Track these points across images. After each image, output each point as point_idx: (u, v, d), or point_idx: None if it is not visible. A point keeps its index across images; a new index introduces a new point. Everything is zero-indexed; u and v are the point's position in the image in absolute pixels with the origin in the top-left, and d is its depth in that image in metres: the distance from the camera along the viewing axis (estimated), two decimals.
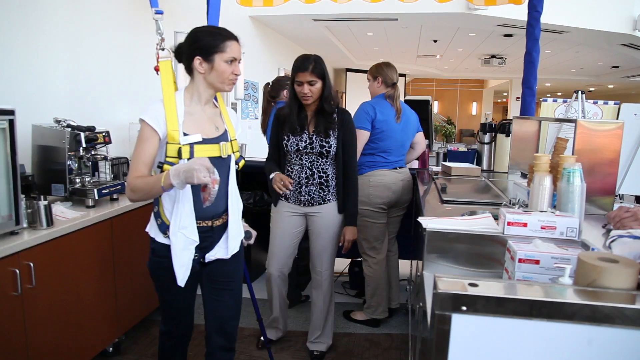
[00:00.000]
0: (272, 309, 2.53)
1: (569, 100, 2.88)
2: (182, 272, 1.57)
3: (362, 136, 2.63)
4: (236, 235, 1.71)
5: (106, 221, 2.25)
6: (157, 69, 1.81)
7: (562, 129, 2.48)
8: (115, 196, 2.47)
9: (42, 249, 1.85)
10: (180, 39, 2.19)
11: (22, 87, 2.39)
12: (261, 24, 6.20)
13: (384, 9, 4.84)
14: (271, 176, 2.25)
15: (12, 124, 1.75)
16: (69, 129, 2.26)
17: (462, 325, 0.76)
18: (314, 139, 2.22)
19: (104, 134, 2.43)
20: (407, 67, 11.76)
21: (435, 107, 15.67)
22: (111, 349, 2.42)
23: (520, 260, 1.12)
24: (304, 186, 2.27)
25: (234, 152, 1.67)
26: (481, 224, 1.47)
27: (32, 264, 1.78)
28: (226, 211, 1.67)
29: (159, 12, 2.24)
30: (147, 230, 1.65)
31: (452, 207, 1.94)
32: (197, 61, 1.55)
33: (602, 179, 1.82)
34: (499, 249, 1.34)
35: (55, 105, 2.58)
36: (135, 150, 1.54)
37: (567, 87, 15.12)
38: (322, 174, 2.26)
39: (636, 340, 0.72)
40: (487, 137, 3.64)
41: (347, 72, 11.71)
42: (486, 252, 1.40)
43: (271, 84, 3.21)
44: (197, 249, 1.60)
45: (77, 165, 2.36)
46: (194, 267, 1.61)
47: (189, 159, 1.49)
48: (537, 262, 1.11)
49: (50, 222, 1.93)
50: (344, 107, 2.62)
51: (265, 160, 2.42)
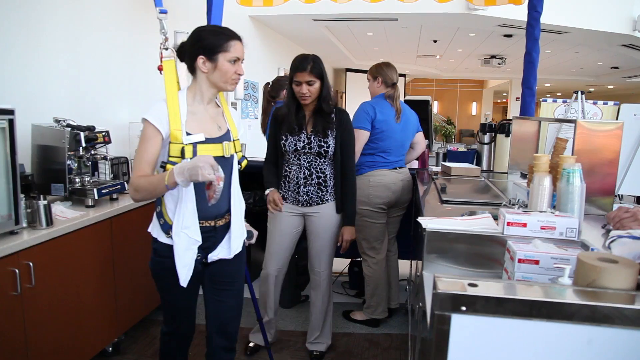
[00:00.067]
0: (267, 310, 2.45)
1: (568, 100, 2.88)
2: (184, 272, 1.57)
3: (362, 136, 2.63)
4: (239, 235, 1.71)
5: (106, 221, 2.25)
6: (160, 69, 1.81)
7: (561, 130, 2.49)
8: (115, 196, 2.47)
9: (41, 248, 1.85)
10: (180, 39, 2.19)
11: (21, 86, 2.39)
12: (261, 23, 6.21)
13: (384, 9, 4.84)
14: (267, 192, 2.30)
15: (11, 123, 1.74)
16: (69, 129, 2.26)
17: (461, 325, 0.76)
18: (312, 139, 2.22)
19: (103, 134, 2.43)
20: (407, 67, 11.76)
21: (435, 107, 15.68)
22: (111, 349, 2.42)
23: (519, 260, 1.12)
24: (302, 186, 2.26)
25: (236, 152, 1.67)
26: (481, 224, 1.47)
27: (31, 264, 1.78)
28: (229, 211, 1.66)
29: (163, 12, 2.23)
30: (149, 230, 1.64)
31: (451, 208, 1.94)
32: (200, 60, 1.55)
33: (602, 180, 1.82)
34: (499, 249, 1.34)
35: (55, 104, 2.58)
36: (138, 149, 1.54)
37: (566, 87, 15.12)
38: (320, 174, 2.26)
39: (635, 340, 0.73)
40: (486, 138, 3.64)
41: (347, 72, 11.71)
42: (486, 253, 1.40)
43: (271, 83, 3.21)
44: (200, 249, 1.60)
45: (76, 164, 2.36)
46: (197, 268, 1.61)
47: (191, 159, 1.48)
48: (537, 262, 1.11)
49: (49, 222, 1.93)
50: (343, 107, 2.61)
51: (264, 160, 2.41)
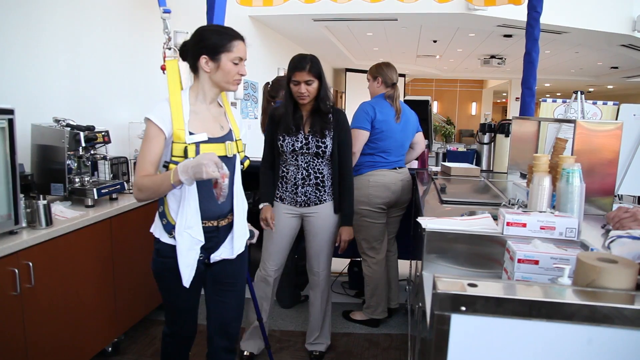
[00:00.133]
0: (262, 312, 2.35)
1: (568, 100, 2.88)
2: (187, 272, 1.56)
3: (362, 136, 2.63)
4: (241, 235, 1.70)
5: (105, 221, 2.25)
6: (163, 68, 1.81)
7: (561, 130, 2.49)
8: (114, 196, 2.47)
9: (41, 248, 1.85)
10: (180, 38, 2.19)
11: (21, 86, 2.39)
12: (261, 23, 6.21)
13: (384, 9, 4.84)
14: (261, 206, 2.30)
15: (11, 123, 1.74)
16: (69, 129, 2.26)
17: (461, 325, 0.76)
18: (309, 139, 2.21)
19: (103, 134, 2.43)
20: (406, 67, 11.77)
21: (434, 107, 15.69)
22: (110, 349, 2.42)
23: (519, 260, 1.12)
24: (300, 187, 2.26)
25: (239, 152, 1.67)
26: (480, 224, 1.47)
27: (31, 264, 1.78)
28: (231, 211, 1.66)
29: (167, 12, 2.23)
30: (151, 230, 1.64)
31: (451, 208, 1.94)
32: (203, 60, 1.54)
33: (601, 180, 1.82)
34: (498, 249, 1.34)
35: (54, 104, 2.58)
36: (141, 149, 1.54)
37: (566, 87, 15.13)
38: (318, 175, 2.25)
39: (635, 340, 0.73)
40: (486, 138, 3.64)
41: (347, 72, 11.72)
42: (485, 253, 1.40)
43: (271, 83, 3.21)
44: (202, 249, 1.60)
45: (76, 164, 2.36)
46: (199, 268, 1.60)
47: (194, 158, 1.48)
48: (536, 262, 1.11)
49: (49, 222, 1.93)
50: (343, 107, 2.61)
51: (261, 160, 2.39)
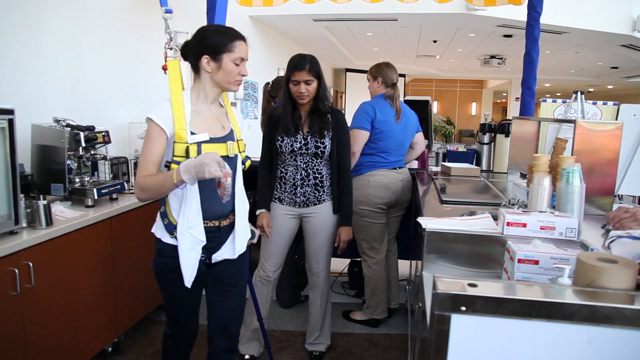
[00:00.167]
0: (261, 314, 2.32)
1: (568, 100, 2.88)
2: (189, 272, 1.56)
3: (362, 136, 2.63)
4: (243, 235, 1.70)
5: (105, 221, 2.25)
6: (165, 68, 1.81)
7: (561, 130, 2.49)
8: (114, 196, 2.47)
9: (41, 248, 1.85)
10: (180, 38, 2.19)
11: (21, 86, 2.39)
12: (261, 23, 6.21)
13: (384, 9, 4.84)
14: (258, 212, 2.29)
15: (11, 123, 1.74)
16: (69, 129, 2.26)
17: (461, 325, 0.76)
18: (308, 140, 2.20)
19: (103, 134, 2.43)
20: (406, 67, 11.77)
21: (434, 107, 15.70)
22: (110, 349, 2.42)
23: (519, 260, 1.12)
24: (299, 187, 2.25)
25: (240, 152, 1.67)
26: (480, 224, 1.47)
27: (31, 264, 1.78)
28: (233, 211, 1.66)
29: (169, 12, 2.23)
30: (152, 231, 1.64)
31: (451, 208, 1.94)
32: (204, 60, 1.54)
33: (601, 180, 1.82)
34: (498, 249, 1.34)
35: (54, 104, 2.58)
36: (143, 149, 1.53)
37: (566, 87, 15.13)
38: (317, 175, 2.25)
39: (635, 340, 0.73)
40: (486, 138, 3.63)
41: (347, 72, 11.72)
42: (485, 253, 1.40)
43: (271, 83, 3.22)
44: (204, 249, 1.59)
45: (76, 164, 2.36)
46: (200, 268, 1.60)
47: (196, 157, 1.48)
48: (537, 262, 1.11)
49: (49, 222, 1.93)
50: (343, 107, 2.61)
51: (259, 161, 2.38)
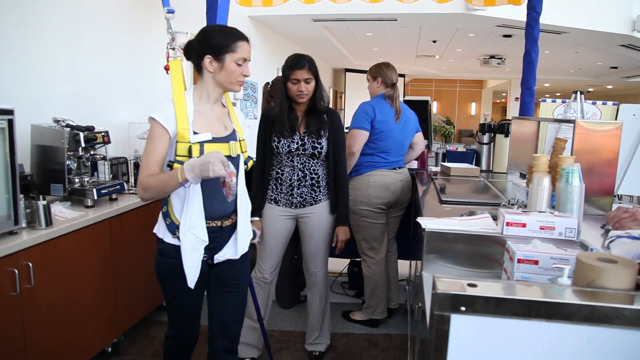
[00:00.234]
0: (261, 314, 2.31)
1: (567, 100, 2.88)
2: (192, 273, 1.56)
3: (361, 136, 2.63)
4: (245, 235, 1.70)
5: (105, 221, 2.25)
6: (167, 69, 1.81)
7: (560, 130, 2.49)
8: (114, 196, 2.47)
9: (41, 249, 1.85)
10: (179, 38, 2.19)
11: (21, 86, 2.38)
12: (260, 24, 6.21)
13: (383, 10, 4.84)
14: (251, 220, 2.19)
15: (11, 123, 1.74)
16: (68, 129, 2.26)
17: (461, 325, 0.76)
18: (305, 140, 2.19)
19: (103, 134, 2.43)
20: (406, 67, 11.78)
21: (434, 107, 15.70)
22: (110, 349, 2.41)
23: (519, 260, 1.12)
24: (295, 188, 2.23)
25: (242, 152, 1.67)
26: (480, 224, 1.47)
27: (30, 264, 1.78)
28: (235, 211, 1.66)
29: (171, 12, 2.22)
30: (154, 231, 1.63)
31: (451, 208, 1.94)
32: (207, 60, 1.54)
33: (601, 180, 1.82)
34: (498, 250, 1.34)
35: (54, 104, 2.58)
36: (145, 149, 1.53)
37: (566, 87, 15.14)
38: (313, 175, 2.24)
39: (635, 340, 0.73)
40: (486, 138, 3.64)
41: (347, 72, 11.72)
42: (485, 253, 1.40)
43: (271, 83, 3.22)
44: (206, 249, 1.59)
45: (76, 165, 2.36)
46: (202, 269, 1.59)
47: (199, 157, 1.47)
48: (536, 262, 1.11)
49: (49, 222, 1.93)
50: (343, 107, 2.61)
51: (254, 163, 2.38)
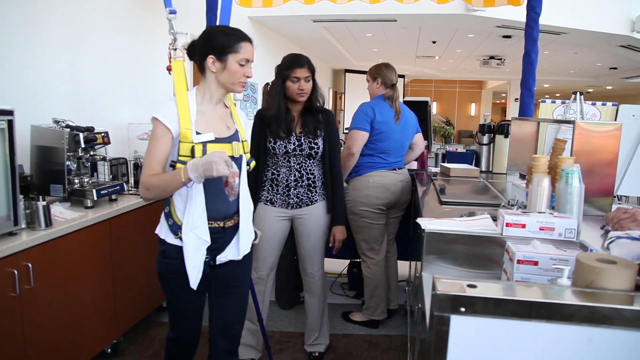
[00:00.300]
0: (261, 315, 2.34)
1: (567, 101, 2.88)
2: (194, 273, 1.55)
3: (361, 137, 2.63)
4: (248, 236, 1.70)
5: (105, 222, 2.25)
6: (169, 69, 1.81)
7: (560, 130, 2.49)
8: (114, 197, 2.47)
9: (40, 249, 1.85)
10: (179, 39, 2.19)
11: (21, 87, 2.38)
12: (260, 24, 6.21)
13: (383, 10, 4.85)
14: None
15: (11, 124, 1.74)
16: (68, 130, 2.26)
17: (460, 326, 0.76)
18: (302, 141, 2.19)
19: (102, 135, 2.43)
20: (406, 68, 11.78)
21: (434, 108, 15.71)
22: (109, 350, 2.41)
23: (518, 261, 1.12)
24: (292, 189, 2.22)
25: (245, 153, 1.67)
26: (480, 225, 1.47)
27: (30, 265, 1.78)
28: (237, 212, 1.65)
29: (173, 12, 2.22)
30: (156, 232, 1.63)
31: (450, 208, 1.94)
32: (210, 60, 1.55)
33: (601, 180, 1.82)
34: (498, 250, 1.34)
35: (54, 105, 2.58)
36: (148, 148, 1.53)
37: (565, 88, 15.15)
38: (310, 176, 2.23)
39: (635, 341, 0.73)
40: (485, 138, 3.64)
41: (346, 73, 11.71)
42: (485, 253, 1.40)
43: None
44: (208, 250, 1.59)
45: (75, 165, 2.35)
46: (204, 270, 1.59)
47: (202, 157, 1.47)
48: (536, 263, 1.11)
49: (48, 223, 1.93)
50: (342, 108, 2.62)
51: None
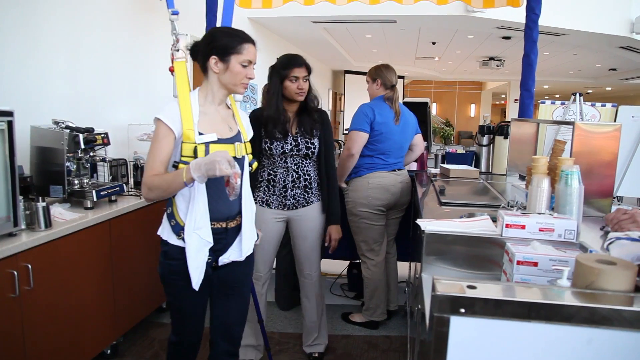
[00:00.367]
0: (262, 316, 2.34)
1: (567, 102, 2.88)
2: (196, 274, 1.55)
3: (361, 138, 2.63)
4: (250, 237, 1.70)
5: (104, 223, 2.25)
6: (171, 70, 1.81)
7: (560, 131, 2.49)
8: (113, 198, 2.47)
9: (40, 250, 1.85)
10: (180, 41, 2.20)
11: (20, 88, 2.39)
12: (260, 25, 6.21)
13: (383, 11, 4.85)
14: None
15: (10, 125, 1.74)
16: (68, 130, 2.25)
17: (460, 327, 0.76)
18: (299, 141, 2.19)
19: (102, 136, 2.43)
20: (405, 69, 11.79)
21: (433, 109, 15.72)
22: (109, 351, 2.41)
23: (518, 262, 1.12)
24: (289, 190, 2.21)
25: (247, 154, 1.67)
26: (479, 226, 1.47)
27: (30, 266, 1.78)
28: (240, 213, 1.65)
29: (175, 13, 2.22)
30: (159, 233, 1.62)
31: (450, 209, 1.94)
32: (212, 60, 1.55)
33: (600, 181, 1.82)
34: (497, 251, 1.34)
35: (54, 106, 2.58)
36: (150, 149, 1.53)
37: (565, 89, 15.16)
38: (306, 176, 2.23)
39: (634, 342, 0.73)
40: (485, 139, 3.64)
41: (346, 74, 11.72)
42: (484, 254, 1.40)
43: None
44: (211, 251, 1.58)
45: (75, 166, 2.35)
46: (207, 271, 1.59)
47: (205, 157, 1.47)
48: (535, 264, 1.11)
49: (48, 224, 1.93)
50: (342, 109, 2.64)
51: None
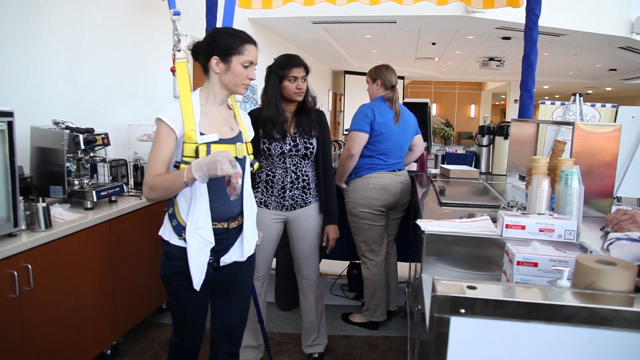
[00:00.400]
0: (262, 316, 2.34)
1: (566, 102, 2.88)
2: (198, 275, 1.55)
3: (361, 138, 2.63)
4: (251, 237, 1.70)
5: (104, 223, 2.25)
6: (173, 70, 1.81)
7: (560, 132, 2.49)
8: (113, 198, 2.47)
9: (40, 251, 1.85)
10: (182, 41, 2.20)
11: (20, 88, 2.39)
12: (260, 26, 6.21)
13: (383, 12, 4.85)
14: None
15: (10, 125, 1.74)
16: (68, 131, 2.25)
17: (460, 327, 0.76)
18: (297, 141, 2.18)
19: (102, 136, 2.43)
20: (405, 69, 11.80)
21: (433, 109, 15.73)
22: (109, 352, 2.41)
23: (518, 262, 1.12)
24: (288, 190, 2.21)
25: (248, 154, 1.67)
26: (479, 226, 1.47)
27: (30, 266, 1.78)
28: (241, 213, 1.65)
29: (177, 14, 2.22)
30: (160, 233, 1.62)
31: (450, 210, 1.95)
32: (214, 61, 1.56)
33: (600, 182, 1.82)
34: (497, 252, 1.34)
35: (54, 106, 2.58)
36: (152, 149, 1.53)
37: (565, 89, 15.17)
38: (305, 177, 2.23)
39: (634, 342, 0.73)
40: (485, 140, 3.63)
41: (346, 75, 11.73)
42: (484, 255, 1.40)
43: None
44: (212, 251, 1.58)
45: (75, 167, 2.35)
46: (208, 272, 1.59)
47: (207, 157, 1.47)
48: (536, 264, 1.11)
49: (48, 224, 1.93)
50: (342, 109, 2.64)
51: None
